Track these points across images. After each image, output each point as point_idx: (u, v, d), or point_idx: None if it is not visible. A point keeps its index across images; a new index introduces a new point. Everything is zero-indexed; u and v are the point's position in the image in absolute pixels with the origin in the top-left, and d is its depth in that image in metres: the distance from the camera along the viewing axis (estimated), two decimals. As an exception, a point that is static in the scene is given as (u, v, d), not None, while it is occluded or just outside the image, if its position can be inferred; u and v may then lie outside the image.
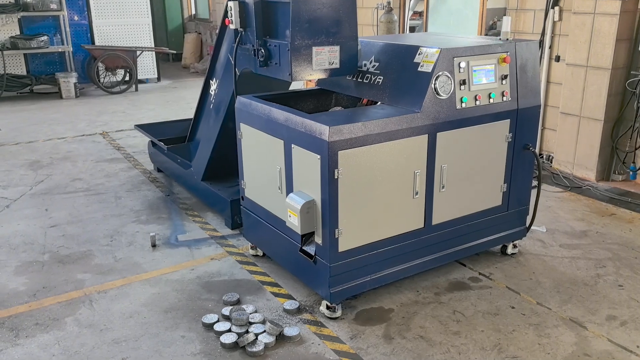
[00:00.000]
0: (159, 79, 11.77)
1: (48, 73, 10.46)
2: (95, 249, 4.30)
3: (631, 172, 5.43)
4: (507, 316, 3.36)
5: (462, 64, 3.38)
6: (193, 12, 15.09)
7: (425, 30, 8.09)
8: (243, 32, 3.74)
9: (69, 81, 10.05)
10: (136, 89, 10.76)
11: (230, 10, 3.69)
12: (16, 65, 10.33)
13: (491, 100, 3.54)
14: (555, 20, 5.85)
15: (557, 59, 5.92)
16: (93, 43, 10.85)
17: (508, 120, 3.66)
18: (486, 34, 7.18)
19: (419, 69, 3.36)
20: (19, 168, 6.27)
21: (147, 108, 9.33)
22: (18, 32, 10.20)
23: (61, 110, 9.21)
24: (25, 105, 9.60)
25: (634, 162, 5.40)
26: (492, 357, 2.99)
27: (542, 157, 6.19)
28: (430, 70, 3.29)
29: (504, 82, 3.58)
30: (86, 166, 6.31)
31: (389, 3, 7.56)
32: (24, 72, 10.38)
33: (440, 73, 3.30)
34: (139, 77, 10.93)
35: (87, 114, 8.96)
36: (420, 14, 8.43)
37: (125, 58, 10.43)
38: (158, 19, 13.32)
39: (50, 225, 4.74)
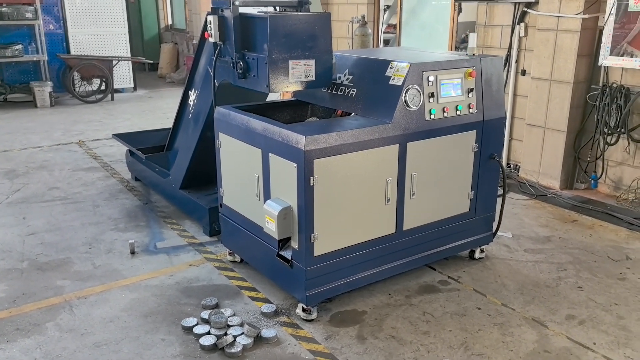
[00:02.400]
0: (135, 88, 11.80)
1: (22, 82, 10.41)
2: (74, 256, 4.36)
3: (592, 181, 5.70)
4: (474, 316, 3.54)
5: (431, 78, 3.58)
6: (169, 22, 15.15)
7: (399, 44, 8.33)
8: (222, 45, 3.88)
9: (44, 90, 10.02)
10: (112, 99, 10.78)
11: (210, 24, 3.82)
12: (-10, 73, 10.27)
13: (458, 112, 3.74)
14: (521, 35, 6.13)
15: (523, 72, 6.19)
16: (69, 52, 10.85)
17: (474, 131, 3.86)
18: (457, 47, 7.45)
19: (390, 82, 3.54)
20: (-5, 177, 6.27)
21: (123, 117, 9.36)
22: (-8, 41, 10.17)
23: (36, 119, 9.19)
24: (-1, 114, 9.56)
25: (595, 172, 5.68)
26: (458, 355, 3.17)
27: (510, 166, 6.44)
28: (400, 84, 3.48)
29: (470, 95, 3.78)
30: (63, 175, 6.34)
31: (363, 17, 7.78)
32: (-2, 81, 10.33)
33: (410, 86, 3.49)
34: (115, 87, 10.95)
35: (62, 123, 8.96)
36: (394, 26, 8.68)
37: (101, 67, 10.46)
38: (134, 29, 13.34)
39: (28, 234, 4.78)
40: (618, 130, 5.27)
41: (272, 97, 4.83)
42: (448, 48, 7.34)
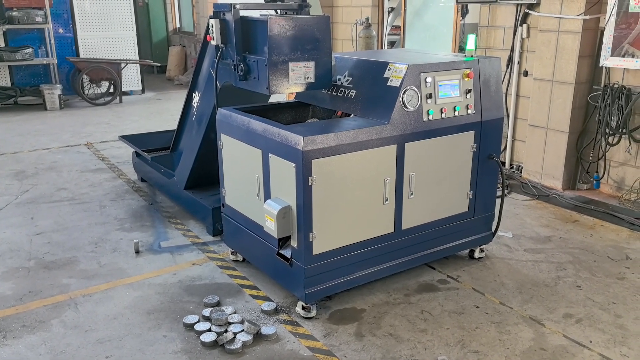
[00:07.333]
0: (143, 91, 11.92)
1: (32, 85, 10.57)
2: (80, 255, 4.45)
3: (595, 181, 5.71)
4: (472, 315, 3.58)
5: (428, 79, 3.63)
6: (177, 25, 15.28)
7: (403, 46, 8.38)
8: (224, 48, 3.95)
9: (53, 93, 10.17)
10: (120, 101, 10.90)
11: (212, 27, 3.90)
12: (0, 77, 10.43)
13: (456, 113, 3.78)
14: (523, 37, 6.15)
15: (525, 73, 6.22)
16: (78, 55, 11.00)
17: (472, 132, 3.90)
18: (462, 49, 7.46)
19: (388, 83, 3.59)
20: (4, 178, 6.38)
21: (131, 119, 9.48)
22: (3, 44, 10.32)
23: (46, 122, 9.32)
24: (9, 117, 9.69)
25: (597, 172, 5.69)
26: (455, 352, 3.21)
27: (513, 167, 6.47)
28: (398, 85, 3.53)
29: (468, 96, 3.83)
30: (71, 176, 6.45)
31: (367, 19, 7.82)
32: (9, 84, 10.49)
33: (408, 87, 3.54)
34: (123, 89, 11.07)
35: (71, 125, 9.08)
36: (399, 28, 8.72)
37: (109, 70, 10.58)
38: (143, 32, 13.49)
39: (35, 233, 4.88)
40: (620, 130, 5.28)
41: (278, 98, 4.90)
42: (451, 50, 7.38)
